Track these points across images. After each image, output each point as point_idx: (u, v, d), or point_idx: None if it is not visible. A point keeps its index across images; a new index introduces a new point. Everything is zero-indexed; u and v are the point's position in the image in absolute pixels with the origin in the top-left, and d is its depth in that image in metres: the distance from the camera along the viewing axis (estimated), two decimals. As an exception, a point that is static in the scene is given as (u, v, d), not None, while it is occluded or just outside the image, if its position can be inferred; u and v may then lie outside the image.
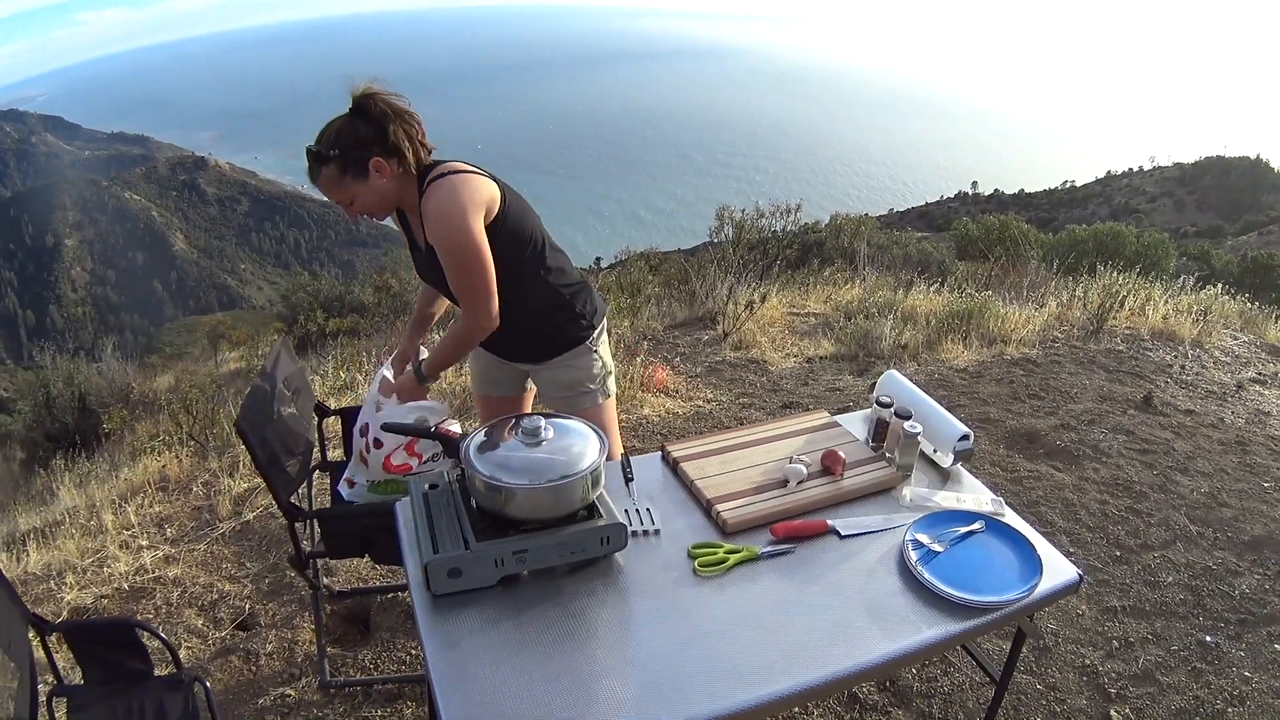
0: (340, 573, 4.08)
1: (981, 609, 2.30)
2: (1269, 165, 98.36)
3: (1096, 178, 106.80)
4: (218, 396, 6.52)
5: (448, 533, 2.24)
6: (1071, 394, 6.41)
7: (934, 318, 8.22)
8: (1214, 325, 8.55)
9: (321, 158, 2.74)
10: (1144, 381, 6.78)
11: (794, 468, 2.77)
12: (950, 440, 2.94)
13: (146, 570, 4.07)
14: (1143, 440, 5.67)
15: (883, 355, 7.15)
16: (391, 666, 3.52)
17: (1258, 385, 7.12)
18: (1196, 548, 4.53)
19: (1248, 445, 5.78)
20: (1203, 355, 7.73)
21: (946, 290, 9.86)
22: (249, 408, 2.86)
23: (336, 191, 2.79)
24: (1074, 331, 8.02)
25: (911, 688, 3.48)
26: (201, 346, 15.49)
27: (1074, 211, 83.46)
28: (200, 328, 25.20)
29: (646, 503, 2.66)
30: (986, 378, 6.77)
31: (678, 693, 1.97)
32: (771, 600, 2.30)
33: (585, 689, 1.97)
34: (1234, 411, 6.40)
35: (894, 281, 10.55)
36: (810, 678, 2.06)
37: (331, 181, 2.77)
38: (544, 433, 2.32)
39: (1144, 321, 8.36)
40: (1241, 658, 3.76)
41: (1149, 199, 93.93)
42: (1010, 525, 2.64)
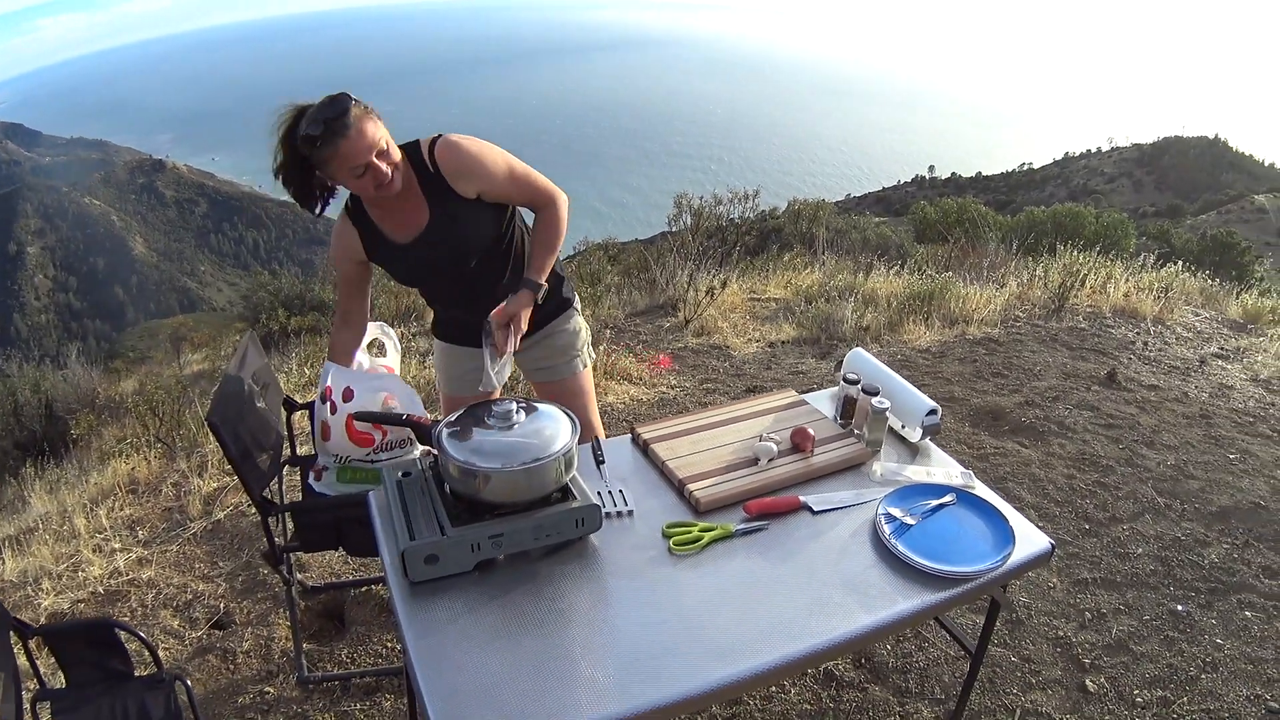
0: (313, 568, 4.08)
1: (955, 579, 2.34)
2: (1227, 144, 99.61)
3: (1054, 159, 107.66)
4: (183, 398, 6.52)
5: (423, 519, 2.26)
6: (1035, 371, 6.50)
7: (895, 300, 8.30)
8: (1175, 302, 8.67)
9: (345, 102, 2.65)
10: (1107, 358, 6.87)
11: (764, 445, 2.80)
12: (918, 415, 2.99)
13: (121, 573, 4.06)
14: (1107, 415, 5.75)
15: (845, 338, 7.20)
16: (368, 660, 3.53)
17: (1220, 360, 7.23)
18: (1165, 519, 4.60)
19: (1212, 418, 5.88)
20: (1165, 332, 7.83)
21: (906, 273, 9.95)
22: (219, 402, 2.86)
23: (372, 134, 2.67)
24: (1035, 310, 8.11)
25: (887, 663, 3.53)
26: (164, 349, 15.46)
27: (1032, 194, 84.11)
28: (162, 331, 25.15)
29: (619, 484, 2.68)
30: (949, 357, 6.85)
31: (657, 671, 1.99)
32: (747, 577, 2.32)
33: (566, 670, 1.99)
34: (1197, 386, 6.50)
35: (853, 265, 10.62)
36: (788, 652, 2.08)
37: (366, 123, 2.67)
38: (516, 416, 2.34)
39: (1105, 300, 8.47)
40: (1213, 625, 3.83)
41: (1107, 180, 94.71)
42: (981, 497, 2.69)
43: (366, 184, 2.73)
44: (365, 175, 2.70)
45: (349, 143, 2.62)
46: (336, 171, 2.72)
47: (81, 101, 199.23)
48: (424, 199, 2.91)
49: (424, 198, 2.91)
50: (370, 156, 2.67)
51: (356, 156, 2.65)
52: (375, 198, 2.83)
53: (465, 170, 2.87)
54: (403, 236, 2.97)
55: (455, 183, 2.87)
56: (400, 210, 2.93)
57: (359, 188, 2.78)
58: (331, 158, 2.65)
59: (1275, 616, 3.91)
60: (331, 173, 2.74)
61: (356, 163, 2.66)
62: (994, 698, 3.38)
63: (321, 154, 2.65)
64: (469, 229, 2.97)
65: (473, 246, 3.01)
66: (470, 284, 3.10)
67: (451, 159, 2.86)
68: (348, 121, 2.61)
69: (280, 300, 12.80)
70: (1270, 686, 3.51)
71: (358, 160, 2.65)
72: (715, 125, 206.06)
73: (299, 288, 13.60)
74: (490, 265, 3.10)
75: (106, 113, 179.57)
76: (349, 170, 2.68)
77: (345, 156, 2.64)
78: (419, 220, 2.94)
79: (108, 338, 49.83)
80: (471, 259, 3.04)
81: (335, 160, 2.66)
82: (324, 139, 2.61)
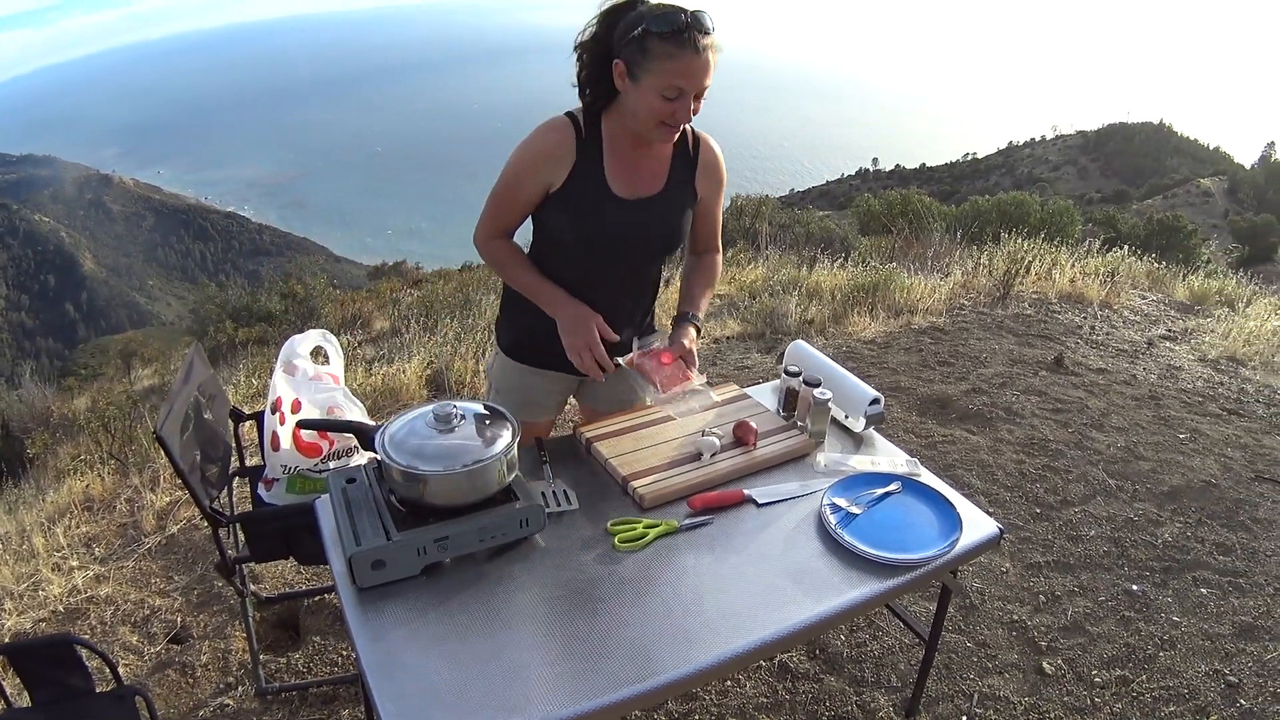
0: (266, 579, 4.08)
1: (903, 567, 2.37)
2: (1172, 129, 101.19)
3: (998, 149, 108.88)
4: (134, 413, 6.54)
5: (369, 525, 2.26)
6: (981, 359, 6.57)
7: (839, 292, 8.36)
8: (1122, 286, 8.80)
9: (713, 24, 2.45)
10: (1054, 343, 6.96)
11: (707, 440, 2.81)
12: (861, 405, 3.01)
13: (79, 591, 4.04)
14: (1056, 400, 5.83)
15: (789, 331, 7.24)
16: (324, 669, 3.54)
17: (1168, 341, 7.35)
18: (1116, 501, 4.68)
19: (1161, 399, 5.97)
20: (1112, 315, 7.95)
21: (851, 265, 10.03)
22: (166, 416, 2.85)
23: (709, 74, 2.49)
24: (980, 298, 8.20)
25: (842, 653, 3.56)
26: (115, 365, 15.58)
27: (977, 183, 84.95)
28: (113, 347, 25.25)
29: (563, 484, 2.68)
30: (895, 347, 6.91)
31: (609, 668, 2.01)
32: (694, 571, 2.34)
33: (518, 670, 1.99)
34: (1146, 368, 6.60)
35: (797, 259, 10.69)
36: (739, 644, 2.10)
37: (716, 57, 2.49)
38: (456, 419, 2.34)
39: (1051, 286, 8.58)
40: (1169, 603, 3.91)
41: (1052, 168, 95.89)
42: (927, 484, 2.72)
43: (663, 111, 2.50)
44: (675, 103, 2.48)
45: (694, 61, 2.43)
46: (652, 80, 2.45)
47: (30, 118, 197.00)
48: (667, 170, 2.79)
49: (668, 169, 2.79)
50: (699, 85, 2.48)
51: (688, 78, 2.45)
52: (645, 134, 2.60)
53: (715, 171, 2.87)
54: (624, 190, 2.73)
55: (700, 174, 2.85)
56: (638, 164, 2.75)
57: (651, 111, 2.51)
58: (663, 62, 2.42)
59: (1231, 592, 4.00)
60: (643, 77, 2.47)
61: (683, 84, 2.45)
62: (951, 684, 3.41)
63: (655, 51, 2.42)
64: (681, 220, 2.88)
65: (672, 239, 2.88)
66: (638, 278, 2.98)
67: (712, 154, 2.86)
68: (705, 42, 2.42)
69: (227, 312, 12.95)
70: (1228, 661, 3.59)
71: (686, 82, 2.45)
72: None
73: (245, 299, 13.75)
74: (657, 274, 3.06)
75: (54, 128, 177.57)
76: (667, 87, 2.45)
77: (677, 72, 2.43)
78: (651, 184, 2.77)
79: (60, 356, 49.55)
80: (661, 250, 2.91)
81: (665, 67, 2.43)
82: (673, 38, 2.40)
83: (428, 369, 6.58)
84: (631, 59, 2.46)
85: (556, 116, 2.71)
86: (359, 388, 6.17)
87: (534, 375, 3.08)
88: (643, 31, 2.41)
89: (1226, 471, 5.04)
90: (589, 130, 2.67)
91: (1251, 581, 4.08)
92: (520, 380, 3.11)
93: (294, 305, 13.66)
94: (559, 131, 2.67)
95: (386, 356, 7.29)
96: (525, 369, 3.08)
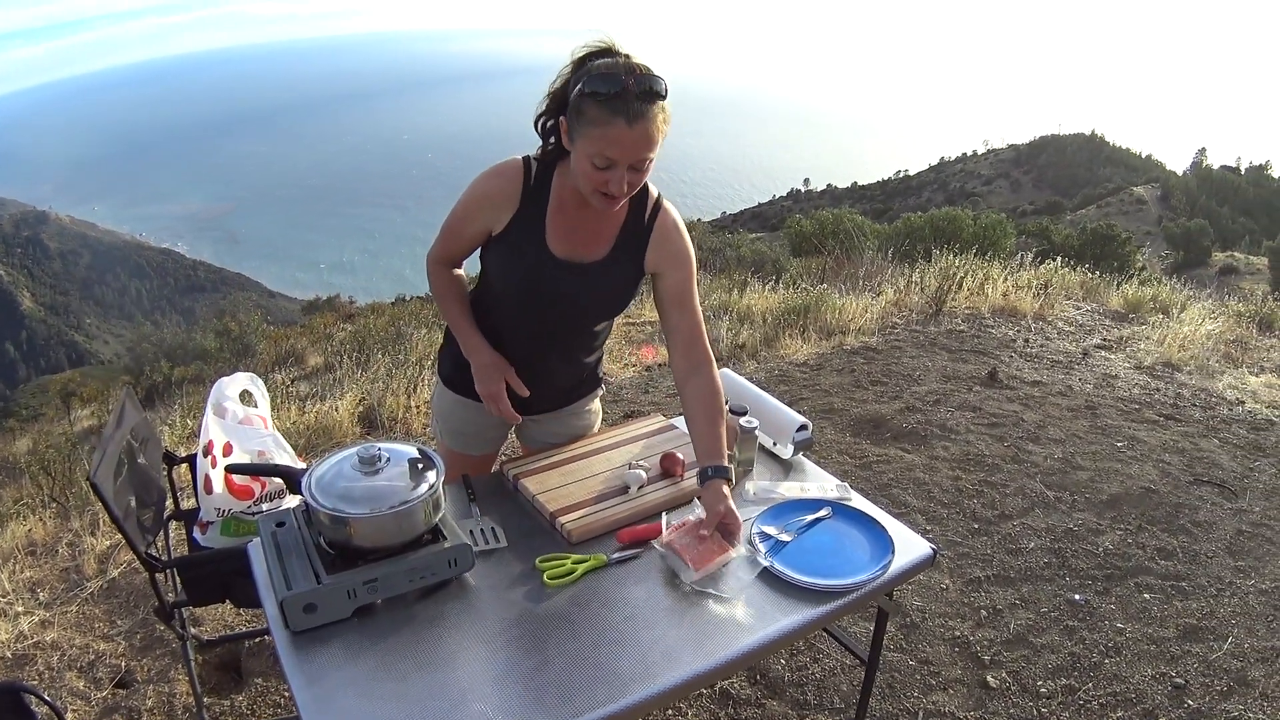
0: (207, 622, 4.07)
1: (836, 592, 2.39)
2: (1104, 139, 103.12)
3: (930, 165, 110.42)
4: (74, 455, 6.50)
5: (299, 569, 2.26)
6: (914, 377, 6.65)
7: (770, 315, 8.43)
8: (1055, 297, 8.95)
9: (661, 94, 2.30)
10: (987, 358, 7.05)
11: (633, 473, 2.82)
12: (788, 431, 3.04)
13: (25, 636, 4.01)
14: (991, 415, 5.91)
15: (720, 357, 7.25)
16: (268, 710, 3.53)
17: (1103, 351, 7.48)
18: (1055, 512, 4.74)
19: (1097, 409, 6.06)
20: (1046, 327, 8.07)
21: (782, 287, 10.09)
22: (100, 462, 2.83)
23: (652, 148, 2.35)
24: (913, 316, 8.31)
25: (783, 678, 3.58)
26: (55, 406, 15.48)
27: (909, 200, 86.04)
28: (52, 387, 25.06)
29: (491, 521, 2.68)
30: (827, 369, 6.97)
31: (543, 705, 2.01)
32: (625, 605, 2.35)
33: (452, 711, 1.99)
34: (1081, 378, 6.70)
35: (728, 283, 10.74)
36: (674, 677, 2.11)
37: (658, 132, 2.33)
38: (381, 461, 2.34)
39: (984, 300, 8.70)
40: (1112, 610, 3.98)
41: (984, 181, 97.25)
42: (857, 509, 2.75)
43: (597, 180, 2.37)
44: (607, 173, 2.35)
45: (624, 132, 2.28)
46: (584, 145, 2.33)
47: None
48: (615, 236, 2.67)
49: (616, 234, 2.67)
50: (632, 158, 2.33)
51: (618, 149, 2.31)
52: (588, 198, 2.47)
53: (671, 244, 2.70)
54: (562, 250, 2.64)
55: (653, 247, 2.69)
56: (583, 225, 2.64)
57: (584, 178, 2.40)
58: (593, 128, 2.30)
59: (1174, 595, 4.08)
60: (578, 140, 2.36)
61: (613, 155, 2.31)
62: (895, 702, 3.45)
63: (589, 114, 2.29)
64: (621, 291, 2.75)
65: (608, 309, 2.83)
66: (569, 340, 2.90)
67: (668, 226, 2.68)
68: (644, 110, 2.27)
69: (163, 351, 12.92)
70: (1174, 663, 3.66)
71: (616, 153, 2.31)
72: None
73: (181, 337, 13.78)
74: (593, 336, 2.95)
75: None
76: (596, 155, 2.32)
77: (607, 140, 2.29)
78: (593, 249, 2.67)
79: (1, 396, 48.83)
80: (595, 318, 2.86)
81: (595, 134, 2.30)
82: (606, 103, 2.26)
83: (360, 405, 6.56)
84: (570, 118, 2.37)
85: (512, 160, 2.63)
86: (292, 426, 6.14)
87: (469, 408, 3.00)
88: (578, 92, 2.31)
89: (1165, 476, 5.13)
90: (539, 179, 2.58)
91: (1194, 584, 4.17)
92: (455, 410, 3.08)
93: (229, 342, 13.69)
94: (504, 177, 2.60)
95: (319, 394, 7.26)
96: (460, 400, 3.03)
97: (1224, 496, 5.00)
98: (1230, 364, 7.52)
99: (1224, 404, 6.44)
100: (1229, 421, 6.10)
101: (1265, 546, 4.53)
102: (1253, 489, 5.11)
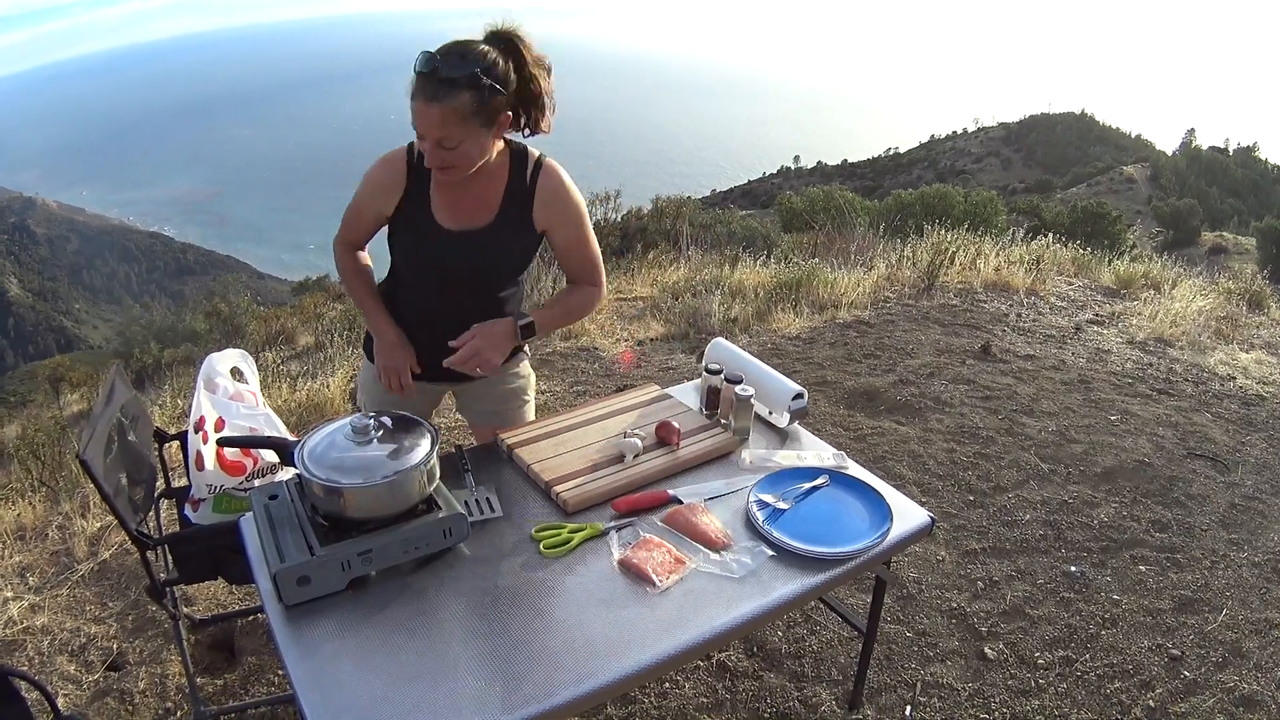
0: (199, 601, 4.03)
1: (833, 560, 2.38)
2: (1093, 118, 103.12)
3: (920, 143, 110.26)
4: (63, 439, 6.43)
5: (292, 541, 2.24)
6: (908, 350, 6.62)
7: (762, 290, 8.38)
8: (1047, 273, 8.92)
9: (458, 84, 2.43)
10: (981, 332, 7.03)
11: (629, 442, 2.80)
12: (784, 400, 3.02)
13: (15, 621, 3.97)
14: (984, 388, 5.88)
15: (713, 331, 7.22)
16: (262, 689, 3.49)
17: (1095, 326, 7.46)
18: (1050, 484, 4.73)
19: (1090, 383, 6.05)
20: (1038, 302, 8.05)
21: (774, 262, 10.07)
22: (89, 439, 2.79)
23: (454, 128, 2.47)
24: (905, 290, 8.26)
25: (780, 649, 3.56)
26: (44, 391, 15.41)
27: (899, 178, 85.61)
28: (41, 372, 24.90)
29: (486, 492, 2.66)
30: (820, 342, 6.94)
31: (540, 677, 2.00)
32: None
33: (448, 683, 1.98)
34: (1074, 352, 6.69)
35: (720, 259, 10.69)
36: (671, 645, 2.10)
37: (457, 116, 2.45)
38: (374, 431, 2.32)
39: (976, 275, 8.67)
40: (1108, 582, 3.97)
41: (975, 160, 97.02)
42: (855, 477, 2.73)
43: (425, 151, 2.55)
44: (424, 144, 2.53)
45: (424, 108, 2.45)
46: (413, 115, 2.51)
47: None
48: (499, 201, 2.78)
49: (500, 200, 2.78)
50: (431, 134, 2.48)
51: (420, 121, 2.48)
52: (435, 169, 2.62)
53: (559, 204, 2.79)
54: (450, 221, 2.78)
55: (539, 208, 2.78)
56: (466, 195, 2.77)
57: (422, 147, 2.57)
58: (411, 99, 2.47)
59: (1169, 567, 4.08)
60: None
61: (418, 127, 2.50)
62: (893, 674, 3.43)
63: (411, 88, 2.47)
64: (513, 253, 2.88)
65: (502, 272, 2.92)
66: (472, 308, 2.90)
67: (553, 184, 2.77)
68: (443, 94, 2.43)
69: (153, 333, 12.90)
70: (1170, 635, 3.66)
71: (419, 125, 2.49)
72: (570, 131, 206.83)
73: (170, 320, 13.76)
74: (499, 301, 2.96)
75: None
76: (415, 124, 2.51)
77: (415, 113, 2.47)
78: (479, 217, 2.79)
79: None
80: (493, 283, 2.94)
81: (412, 106, 2.48)
82: (417, 78, 2.45)
83: (351, 382, 6.51)
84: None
85: (397, 148, 2.81)
86: (284, 404, 6.11)
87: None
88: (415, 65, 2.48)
89: (1159, 450, 5.12)
90: (422, 158, 2.65)
91: (1189, 556, 4.16)
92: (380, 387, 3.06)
93: (219, 324, 13.71)
94: (389, 163, 2.79)
95: (310, 372, 7.23)
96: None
97: (1217, 470, 4.99)
98: (1221, 340, 7.50)
99: (1215, 379, 6.43)
100: (1220, 396, 6.10)
101: (1257, 520, 4.53)
102: (1244, 463, 5.11)
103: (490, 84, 2.45)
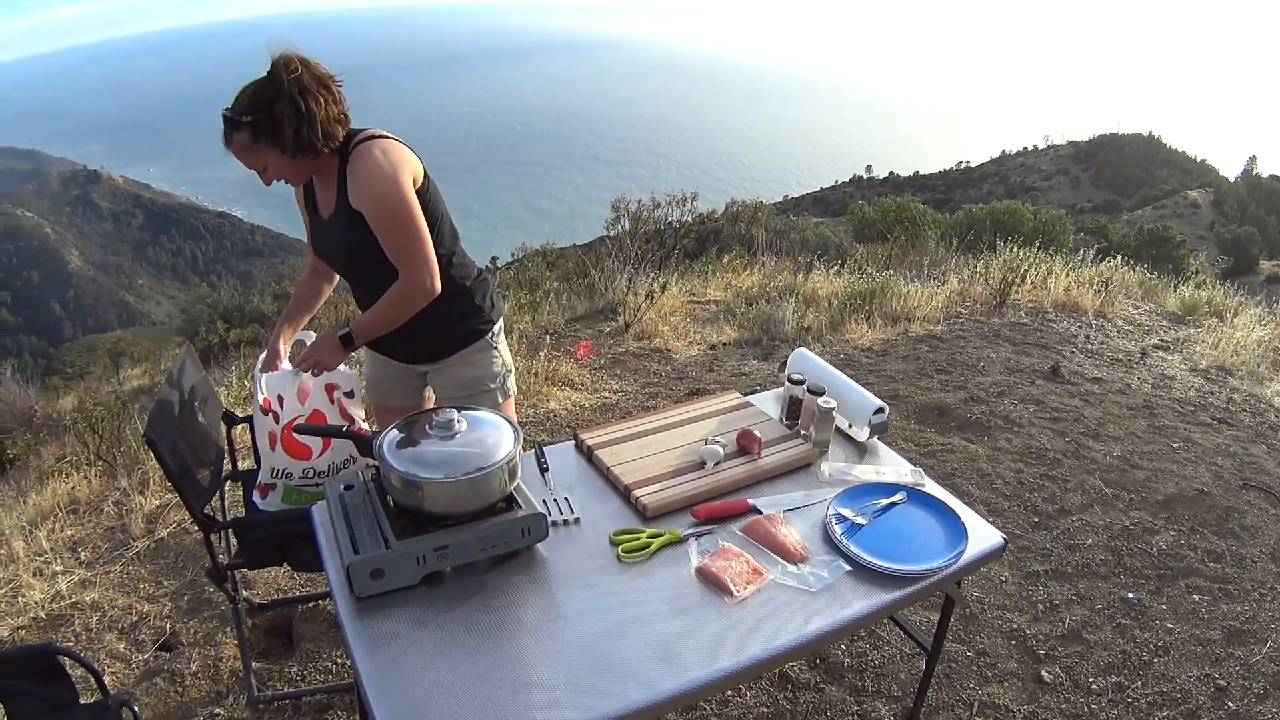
0: (259, 585, 4.01)
1: (910, 578, 2.35)
2: (1161, 141, 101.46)
3: (991, 158, 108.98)
4: (123, 414, 6.36)
5: (367, 533, 2.22)
6: (979, 367, 6.56)
7: (835, 299, 8.33)
8: (1115, 296, 8.80)
9: (234, 123, 2.69)
10: (1050, 352, 6.95)
11: (710, 449, 2.80)
12: (865, 414, 3.00)
13: (63, 596, 3.95)
14: (1052, 409, 5.81)
15: (786, 338, 7.21)
16: (318, 677, 3.48)
17: (1161, 351, 7.36)
18: (1113, 509, 4.67)
19: (1155, 409, 5.96)
20: (1106, 325, 7.95)
21: (846, 272, 10.00)
22: (156, 418, 2.80)
23: (249, 157, 2.74)
24: (977, 307, 8.19)
25: (842, 663, 3.54)
26: (103, 365, 15.32)
27: (970, 191, 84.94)
28: (100, 346, 24.86)
29: (564, 492, 2.66)
30: (893, 355, 6.89)
31: (612, 680, 1.98)
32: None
33: (519, 682, 1.97)
34: (1140, 377, 6.60)
35: (793, 266, 10.65)
36: (743, 658, 2.08)
37: (244, 147, 2.72)
38: (458, 425, 2.30)
39: (1046, 295, 8.57)
40: (1163, 610, 3.90)
41: (1044, 177, 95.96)
42: (932, 494, 2.71)
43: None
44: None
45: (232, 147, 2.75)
46: None
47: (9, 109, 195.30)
48: (336, 188, 2.87)
49: (336, 186, 2.87)
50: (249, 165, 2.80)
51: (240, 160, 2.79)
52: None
53: (361, 185, 2.78)
54: (324, 209, 2.96)
55: (351, 191, 2.81)
56: (324, 186, 2.94)
57: None
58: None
59: (1221, 598, 4.01)
60: None
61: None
62: (951, 693, 3.40)
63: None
64: (354, 238, 2.87)
65: (350, 256, 2.97)
66: (362, 287, 3.06)
67: (356, 169, 2.79)
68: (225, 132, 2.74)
69: (219, 313, 12.94)
70: (1218, 665, 3.60)
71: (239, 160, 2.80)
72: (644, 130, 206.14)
73: (237, 300, 13.76)
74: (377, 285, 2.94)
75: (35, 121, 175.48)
76: None
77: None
78: (329, 204, 2.92)
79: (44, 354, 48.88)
80: (348, 267, 3.06)
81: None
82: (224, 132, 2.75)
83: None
84: None
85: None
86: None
87: (376, 361, 3.37)
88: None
89: (1217, 480, 5.04)
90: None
91: (1239, 587, 4.10)
92: (376, 366, 3.40)
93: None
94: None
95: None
96: (373, 354, 3.35)
97: (1269, 502, 4.90)
98: (1278, 371, 7.39)
99: (1272, 410, 6.31)
100: (1276, 428, 6.00)
101: (1306, 554, 4.46)
102: (1297, 496, 5.02)
103: (249, 119, 2.68)
